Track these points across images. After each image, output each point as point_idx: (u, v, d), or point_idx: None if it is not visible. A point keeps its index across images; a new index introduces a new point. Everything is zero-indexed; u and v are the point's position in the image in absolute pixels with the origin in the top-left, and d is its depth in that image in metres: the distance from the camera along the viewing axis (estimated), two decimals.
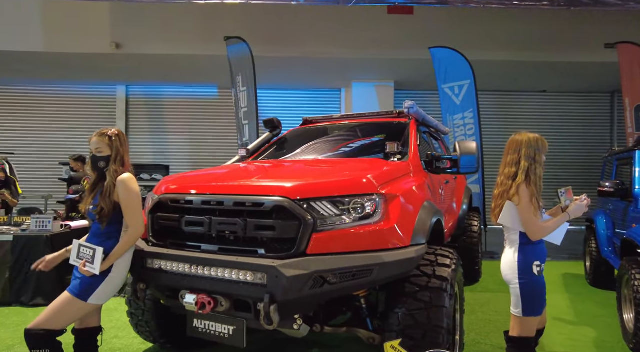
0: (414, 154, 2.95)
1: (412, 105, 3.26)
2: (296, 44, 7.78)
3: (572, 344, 3.11)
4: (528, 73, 8.84)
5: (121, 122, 10.20)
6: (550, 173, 9.84)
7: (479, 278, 4.92)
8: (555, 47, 7.84)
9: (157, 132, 10.23)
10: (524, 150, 2.05)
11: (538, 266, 2.03)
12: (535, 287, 2.03)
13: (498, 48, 7.79)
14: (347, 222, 1.90)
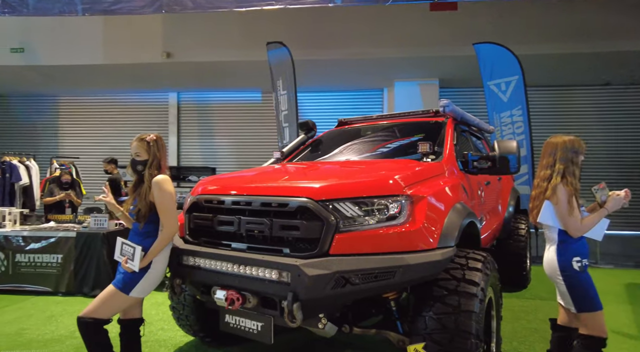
0: (449, 154, 2.87)
1: (448, 103, 3.17)
2: (337, 46, 7.82)
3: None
4: (588, 65, 8.20)
5: (173, 127, 10.83)
6: (614, 173, 9.06)
7: (527, 284, 4.66)
8: (621, 35, 7.21)
9: (206, 136, 10.73)
10: (559, 153, 2.15)
11: (578, 262, 2.10)
12: (579, 282, 2.10)
13: (551, 40, 7.30)
14: (371, 224, 1.90)
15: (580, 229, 2.10)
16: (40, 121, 11.01)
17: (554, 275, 2.16)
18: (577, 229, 2.10)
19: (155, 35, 8.19)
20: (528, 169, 6.35)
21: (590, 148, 9.27)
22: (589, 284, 2.13)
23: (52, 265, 4.26)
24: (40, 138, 10.93)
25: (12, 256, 4.30)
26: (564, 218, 2.09)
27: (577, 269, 2.12)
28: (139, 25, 8.08)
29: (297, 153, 3.74)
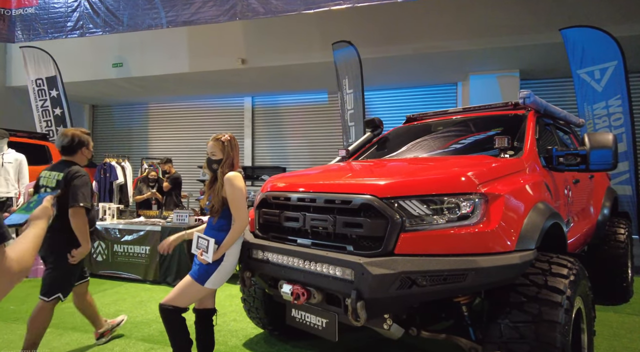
0: (529, 149, 2.63)
1: (529, 94, 2.91)
2: (407, 41, 7.61)
3: None
4: None
5: (248, 129, 11.43)
6: None
7: (630, 297, 4.09)
8: None
9: (277, 138, 11.15)
10: None
11: None
12: None
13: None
14: (440, 223, 1.80)
15: None
16: (134, 127, 12.34)
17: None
18: None
19: (231, 43, 8.70)
20: (630, 166, 5.59)
21: None
22: None
23: (141, 255, 4.74)
24: (134, 141, 12.26)
25: (111, 246, 4.87)
26: None
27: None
28: (217, 34, 8.65)
29: (364, 151, 3.71)
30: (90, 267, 4.92)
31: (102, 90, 10.56)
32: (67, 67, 8.97)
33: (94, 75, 9.43)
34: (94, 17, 5.83)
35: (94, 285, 4.53)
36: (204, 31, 8.64)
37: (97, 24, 5.83)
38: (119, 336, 3.16)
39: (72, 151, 2.80)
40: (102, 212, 5.10)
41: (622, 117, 5.67)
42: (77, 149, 2.81)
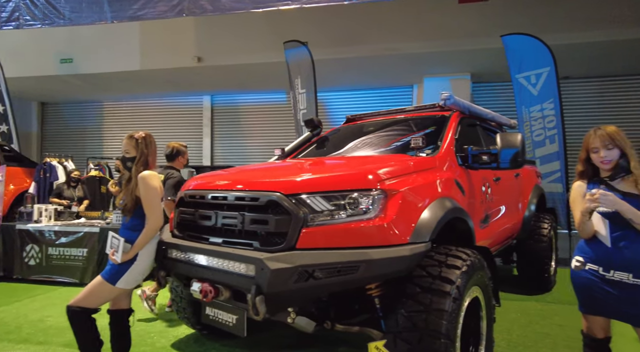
0: (446, 149, 2.77)
1: (449, 96, 3.06)
2: (363, 43, 7.76)
3: None
4: (631, 53, 7.54)
5: (207, 128, 11.27)
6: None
7: (552, 287, 4.37)
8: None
9: (237, 137, 11.06)
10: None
11: (577, 261, 2.00)
12: (572, 280, 2.05)
13: (588, 28, 6.80)
14: (340, 218, 1.88)
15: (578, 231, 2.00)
16: (88, 126, 11.87)
17: None
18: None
19: (186, 40, 8.56)
20: (561, 166, 5.96)
21: (635, 142, 8.53)
22: (579, 285, 2.01)
23: (78, 258, 4.58)
24: (87, 141, 11.79)
25: (45, 249, 4.67)
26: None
27: (572, 267, 2.04)
28: (171, 31, 8.47)
29: (302, 150, 3.77)
30: (21, 272, 4.71)
31: (50, 87, 10.10)
32: (10, 61, 8.52)
33: (40, 70, 9.00)
34: (31, 8, 5.57)
35: (24, 291, 4.34)
36: (157, 28, 8.46)
37: (36, 16, 5.57)
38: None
39: (172, 158, 3.83)
40: (38, 214, 4.89)
41: (555, 120, 6.04)
42: (175, 157, 3.84)
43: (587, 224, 1.91)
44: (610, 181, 1.92)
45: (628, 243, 1.83)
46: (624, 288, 1.83)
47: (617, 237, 1.86)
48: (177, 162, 3.86)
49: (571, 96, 9.04)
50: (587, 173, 1.99)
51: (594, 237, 1.93)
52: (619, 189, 1.86)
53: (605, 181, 1.93)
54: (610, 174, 1.92)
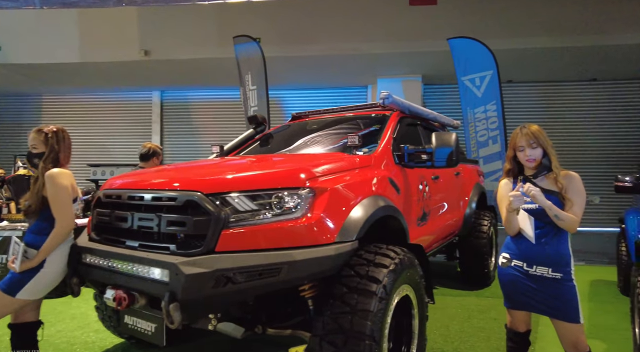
0: (383, 147, 2.77)
1: (388, 95, 3.06)
2: (317, 42, 7.73)
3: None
4: (572, 60, 8.06)
5: (157, 125, 10.79)
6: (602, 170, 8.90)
7: (490, 282, 4.53)
8: (602, 29, 7.08)
9: (188, 135, 10.67)
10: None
11: (504, 258, 2.07)
12: (499, 277, 2.11)
13: (530, 34, 7.19)
14: (265, 218, 1.79)
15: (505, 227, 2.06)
16: (24, 120, 10.97)
17: None
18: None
19: (132, 33, 8.11)
20: (502, 165, 6.21)
21: (576, 144, 9.15)
22: (503, 281, 2.08)
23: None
24: (23, 137, 10.90)
25: None
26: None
27: (499, 263, 2.09)
28: (114, 22, 8.00)
29: (245, 147, 3.65)
30: None
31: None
32: None
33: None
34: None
35: None
36: (99, 18, 7.95)
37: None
38: None
39: (147, 159, 3.86)
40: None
41: (497, 121, 6.30)
42: (150, 158, 3.86)
43: (513, 221, 1.96)
44: (533, 178, 1.97)
45: (549, 239, 1.91)
46: (544, 282, 1.90)
47: (540, 234, 1.92)
48: (151, 163, 3.85)
49: (514, 99, 9.53)
50: (514, 171, 2.05)
51: (519, 234, 1.98)
52: (542, 187, 1.92)
53: (529, 178, 1.98)
54: (534, 172, 1.98)
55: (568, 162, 9.02)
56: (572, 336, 1.85)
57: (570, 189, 1.88)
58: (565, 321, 1.85)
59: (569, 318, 1.84)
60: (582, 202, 1.88)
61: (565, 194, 1.87)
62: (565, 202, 1.86)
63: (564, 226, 1.85)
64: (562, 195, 1.87)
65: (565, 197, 1.87)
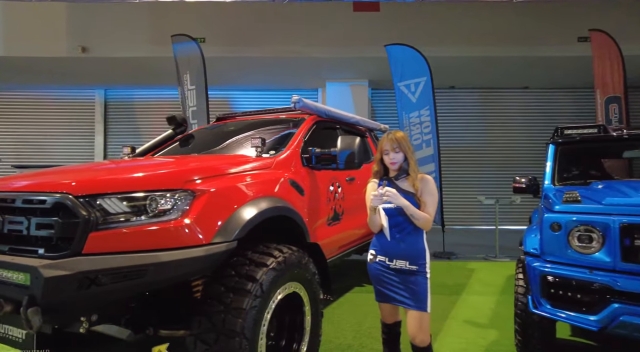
0: (288, 150, 2.84)
1: (298, 100, 3.14)
2: (266, 44, 7.74)
3: (465, 347, 2.92)
4: (505, 69, 8.58)
5: (100, 125, 10.37)
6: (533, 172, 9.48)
7: None
8: (531, 41, 7.59)
9: (135, 135, 10.33)
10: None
11: (370, 254, 2.18)
12: (369, 272, 2.19)
13: (472, 43, 7.59)
14: (137, 220, 1.79)
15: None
16: None
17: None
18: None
19: (64, 28, 7.77)
20: (435, 167, 6.51)
21: (510, 147, 9.72)
22: (372, 276, 2.18)
23: None
24: None
25: None
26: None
27: (368, 259, 2.21)
28: (44, 16, 7.63)
29: (164, 148, 3.61)
30: None
31: None
32: None
33: None
34: None
35: None
36: (26, 11, 7.56)
37: None
38: None
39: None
40: None
41: (430, 126, 6.58)
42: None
43: (374, 219, 2.08)
44: (395, 180, 2.11)
45: (404, 235, 2.04)
46: (403, 275, 2.03)
47: (398, 231, 2.05)
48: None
49: (457, 104, 10.00)
50: (380, 173, 2.17)
51: (382, 231, 2.11)
52: (402, 188, 2.06)
53: (391, 179, 2.12)
54: (396, 174, 2.12)
55: (503, 163, 9.59)
56: (418, 323, 1.98)
57: (424, 191, 2.03)
58: (414, 309, 1.99)
59: (417, 307, 1.99)
60: (433, 202, 2.04)
61: (420, 195, 2.02)
62: (420, 203, 2.01)
63: (419, 224, 2.00)
64: (417, 196, 2.02)
65: (420, 198, 2.02)
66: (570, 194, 2.50)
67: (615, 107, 6.23)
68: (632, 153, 3.34)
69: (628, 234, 2.14)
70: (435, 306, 3.74)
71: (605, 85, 6.39)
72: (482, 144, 9.85)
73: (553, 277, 2.32)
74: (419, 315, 1.99)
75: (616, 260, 2.15)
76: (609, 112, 6.28)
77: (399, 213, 2.03)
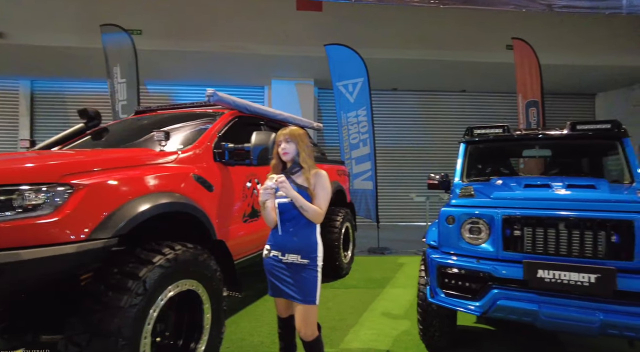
0: (197, 145, 2.77)
1: (213, 93, 3.08)
2: (208, 38, 7.52)
3: (375, 338, 3.01)
4: (443, 73, 8.94)
5: (25, 119, 9.61)
6: None
7: (343, 274, 4.81)
8: (464, 46, 7.97)
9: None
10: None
11: (266, 249, 2.18)
12: (264, 267, 2.18)
13: (411, 47, 7.83)
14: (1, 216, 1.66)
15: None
16: None
17: None
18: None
19: None
20: (371, 166, 6.66)
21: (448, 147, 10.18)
22: (265, 272, 2.18)
23: None
24: None
25: None
26: None
27: (263, 255, 2.21)
28: None
29: (73, 142, 3.40)
30: None
31: None
32: None
33: None
34: None
35: None
36: None
37: None
38: None
39: None
40: None
41: (367, 125, 6.73)
42: None
43: (269, 213, 2.09)
44: (291, 174, 2.13)
45: (298, 229, 2.06)
46: (295, 269, 2.04)
47: (290, 225, 2.06)
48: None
49: (399, 105, 10.32)
50: (278, 167, 2.18)
51: (276, 226, 2.11)
52: (297, 182, 2.08)
53: (288, 174, 2.13)
54: (291, 167, 2.14)
55: (438, 163, 10.00)
56: (303, 317, 2.01)
57: (317, 184, 2.06)
58: (301, 303, 2.01)
59: (304, 300, 2.01)
60: (324, 196, 2.06)
61: (313, 189, 2.05)
62: (313, 197, 2.04)
63: (309, 217, 2.02)
64: (310, 190, 2.04)
65: (313, 192, 2.05)
66: (466, 189, 2.65)
67: (534, 111, 6.71)
68: (530, 152, 3.60)
69: (509, 225, 2.30)
70: (358, 300, 3.87)
71: (526, 90, 6.87)
72: (420, 144, 10.24)
73: (447, 268, 2.44)
74: (305, 309, 2.01)
75: (498, 249, 2.31)
76: (529, 115, 6.76)
77: (293, 207, 2.04)
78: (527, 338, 2.98)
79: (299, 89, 9.67)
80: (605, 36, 7.95)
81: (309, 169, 2.07)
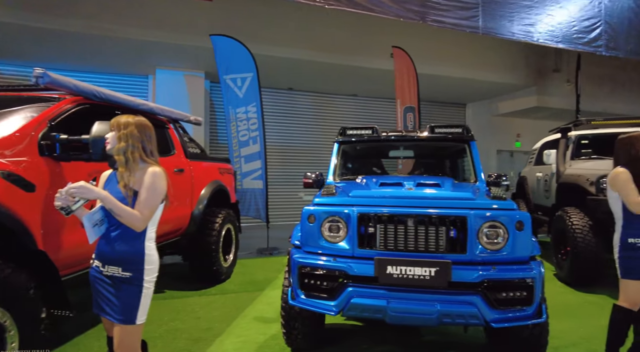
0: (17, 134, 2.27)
1: (43, 74, 2.57)
2: (69, 15, 6.45)
3: (240, 347, 2.83)
4: (334, 76, 9.14)
5: None
6: None
7: (222, 279, 4.54)
8: (352, 51, 8.22)
9: None
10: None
11: (92, 259, 1.82)
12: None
13: (306, 48, 7.81)
14: None
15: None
16: None
17: None
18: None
19: None
20: (262, 165, 6.48)
21: None
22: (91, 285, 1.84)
23: None
24: None
25: None
26: None
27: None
28: None
29: None
30: None
31: None
32: None
33: None
34: None
35: None
36: None
37: None
38: None
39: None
40: None
41: (257, 123, 6.53)
42: None
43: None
44: (114, 169, 1.84)
45: (118, 236, 1.75)
46: (116, 282, 1.73)
47: (110, 230, 1.76)
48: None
49: (294, 105, 10.32)
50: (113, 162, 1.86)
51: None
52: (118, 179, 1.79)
53: (114, 169, 1.84)
54: (110, 161, 1.85)
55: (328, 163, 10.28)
56: (118, 338, 1.72)
57: (142, 185, 1.77)
58: (119, 322, 1.73)
59: (122, 320, 1.73)
60: (149, 198, 1.73)
61: (138, 189, 1.76)
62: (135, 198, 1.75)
63: (123, 222, 1.70)
64: (130, 189, 1.74)
65: (133, 192, 1.75)
66: (328, 188, 2.62)
67: (411, 116, 7.25)
68: (395, 153, 3.81)
69: (364, 223, 2.32)
70: (232, 306, 3.66)
71: (404, 96, 7.39)
72: (312, 144, 10.41)
73: (307, 268, 2.37)
74: (122, 329, 1.72)
75: (354, 247, 2.32)
76: (407, 119, 7.28)
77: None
78: (393, 332, 3.09)
79: (188, 81, 9.06)
80: (476, 52, 8.98)
81: (125, 163, 1.74)
